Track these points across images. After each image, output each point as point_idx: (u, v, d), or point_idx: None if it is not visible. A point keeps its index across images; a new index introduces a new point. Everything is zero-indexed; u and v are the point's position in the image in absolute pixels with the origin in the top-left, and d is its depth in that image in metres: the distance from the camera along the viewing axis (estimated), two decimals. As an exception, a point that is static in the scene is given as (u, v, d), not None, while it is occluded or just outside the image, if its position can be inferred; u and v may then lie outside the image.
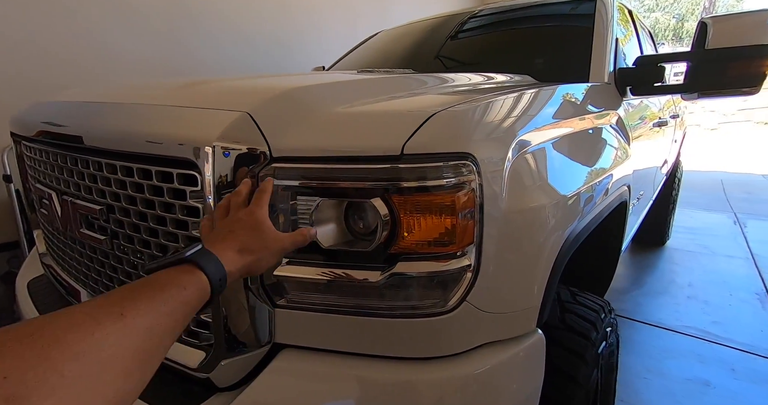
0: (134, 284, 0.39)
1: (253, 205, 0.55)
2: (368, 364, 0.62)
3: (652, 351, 1.84)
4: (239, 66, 2.68)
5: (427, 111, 0.59)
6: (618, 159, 1.00)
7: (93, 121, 0.75)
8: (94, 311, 0.32)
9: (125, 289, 0.38)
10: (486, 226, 0.59)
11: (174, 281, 0.40)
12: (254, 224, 0.52)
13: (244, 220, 0.52)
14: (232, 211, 0.54)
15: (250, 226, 0.52)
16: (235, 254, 0.49)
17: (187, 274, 0.42)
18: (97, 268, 0.78)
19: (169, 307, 0.37)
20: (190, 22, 2.41)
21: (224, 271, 0.46)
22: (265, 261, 0.53)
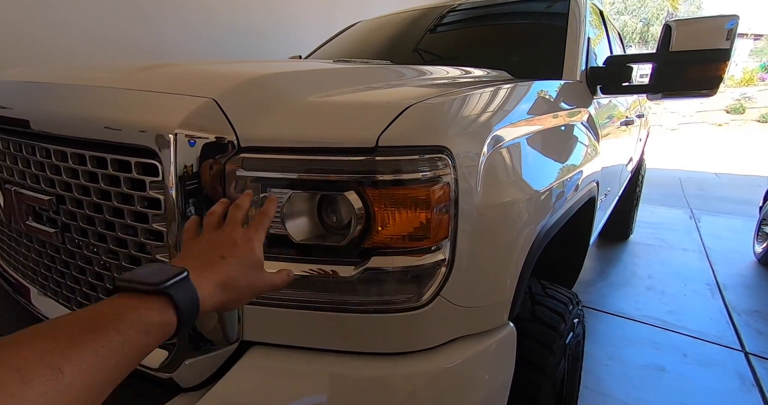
0: (83, 319, 0.31)
1: (252, 231, 0.48)
2: (340, 361, 0.60)
3: (614, 339, 1.93)
4: (213, 51, 2.56)
5: (403, 103, 0.58)
6: (588, 156, 1.03)
7: (42, 104, 0.69)
8: (23, 365, 0.25)
9: (70, 325, 0.29)
10: (460, 220, 0.58)
11: (137, 322, 0.32)
12: (251, 261, 0.46)
13: (240, 250, 0.45)
14: (228, 228, 0.48)
15: (245, 262, 0.45)
16: (217, 289, 0.41)
17: (155, 311, 0.34)
18: (46, 263, 0.72)
19: (121, 358, 0.30)
20: (163, 4, 2.27)
21: (198, 310, 0.38)
22: (242, 301, 0.46)
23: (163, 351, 0.62)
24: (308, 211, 0.59)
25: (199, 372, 0.61)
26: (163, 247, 0.57)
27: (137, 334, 0.32)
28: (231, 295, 0.43)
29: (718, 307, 2.23)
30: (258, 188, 0.57)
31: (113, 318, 0.31)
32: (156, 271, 0.38)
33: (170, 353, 0.61)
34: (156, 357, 0.62)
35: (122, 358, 0.30)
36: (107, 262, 0.63)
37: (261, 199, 0.57)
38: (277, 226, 0.58)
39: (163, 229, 0.56)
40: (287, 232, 0.58)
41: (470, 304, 0.61)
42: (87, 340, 0.28)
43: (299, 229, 0.58)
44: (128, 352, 0.31)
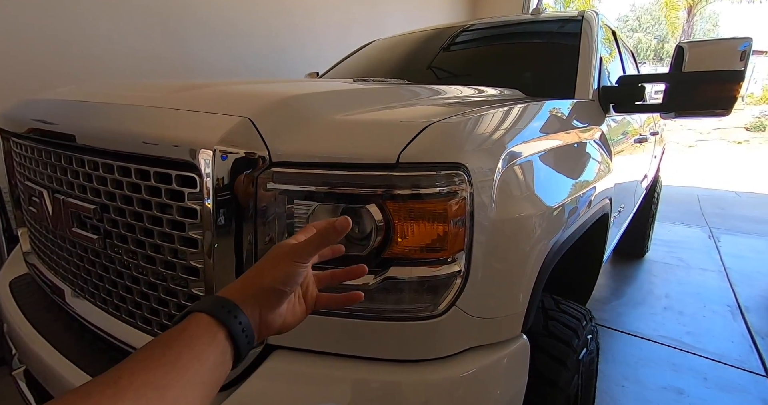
0: (170, 346, 0.32)
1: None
2: (358, 366, 0.63)
3: (630, 359, 1.89)
4: (234, 65, 2.68)
5: (422, 122, 0.62)
6: (601, 173, 1.05)
7: (91, 120, 0.75)
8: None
9: (162, 354, 0.30)
10: (476, 233, 0.61)
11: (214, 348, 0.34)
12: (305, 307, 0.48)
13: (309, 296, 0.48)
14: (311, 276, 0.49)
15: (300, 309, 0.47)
16: (273, 319, 0.42)
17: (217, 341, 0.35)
18: (87, 267, 0.77)
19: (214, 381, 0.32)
20: (187, 19, 2.40)
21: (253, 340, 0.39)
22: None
23: (191, 352, 0.65)
24: (332, 223, 0.63)
25: (224, 373, 0.64)
26: (198, 253, 0.62)
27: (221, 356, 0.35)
28: (278, 328, 0.44)
29: (739, 330, 2.17)
30: (285, 200, 0.62)
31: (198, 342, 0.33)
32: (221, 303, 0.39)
33: (198, 355, 0.64)
34: (185, 358, 0.65)
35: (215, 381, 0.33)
36: (144, 266, 0.68)
37: (287, 210, 0.62)
38: (302, 236, 0.62)
39: (198, 236, 0.61)
40: (311, 242, 0.61)
41: (484, 314, 0.64)
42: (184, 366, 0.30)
43: (323, 239, 0.62)
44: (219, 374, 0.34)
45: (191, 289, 0.64)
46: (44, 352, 0.76)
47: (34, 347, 0.78)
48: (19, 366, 0.89)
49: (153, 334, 0.70)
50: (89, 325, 0.78)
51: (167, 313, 0.68)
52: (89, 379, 0.34)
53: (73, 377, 0.70)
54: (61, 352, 0.76)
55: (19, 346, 0.85)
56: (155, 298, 0.69)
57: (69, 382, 0.71)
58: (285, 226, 0.62)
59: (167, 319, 0.68)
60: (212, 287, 0.61)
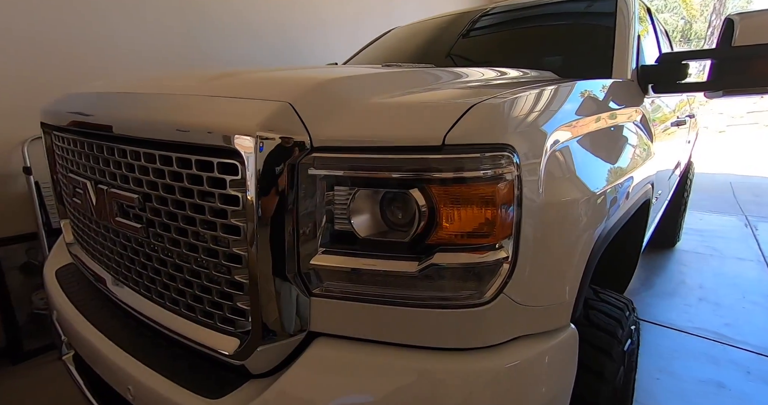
0: None
1: None
2: (401, 353, 0.62)
3: (663, 351, 1.83)
4: (247, 60, 2.70)
5: (467, 102, 0.59)
6: (644, 157, 1.00)
7: (122, 110, 0.76)
8: None
9: None
10: (524, 218, 0.59)
11: None
12: None
13: None
14: None
15: None
16: None
17: None
18: (130, 256, 0.79)
19: None
20: (201, 16, 2.42)
21: None
22: None
23: (235, 339, 0.66)
24: (372, 208, 0.62)
25: (269, 360, 0.64)
26: (240, 240, 0.62)
27: None
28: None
29: (783, 321, 2.07)
30: (325, 186, 0.61)
31: None
32: None
33: (242, 341, 0.65)
34: (229, 344, 0.66)
35: None
36: (187, 254, 0.68)
37: (328, 195, 0.61)
38: (343, 222, 0.61)
39: (241, 224, 0.61)
40: (353, 228, 0.60)
41: (532, 303, 0.62)
42: None
43: (365, 225, 0.61)
44: None
45: (234, 276, 0.64)
46: (93, 338, 0.79)
47: (84, 333, 0.81)
48: (69, 351, 0.92)
49: (196, 321, 0.71)
50: (133, 312, 0.80)
51: (210, 300, 0.68)
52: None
53: (121, 361, 0.72)
54: (109, 338, 0.78)
55: (68, 332, 0.88)
56: (198, 286, 0.69)
57: (117, 365, 0.73)
58: (325, 213, 0.61)
59: (210, 306, 0.69)
60: (255, 274, 0.61)
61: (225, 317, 0.67)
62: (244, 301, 0.64)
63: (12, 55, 1.75)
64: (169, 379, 0.67)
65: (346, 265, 0.61)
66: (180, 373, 0.68)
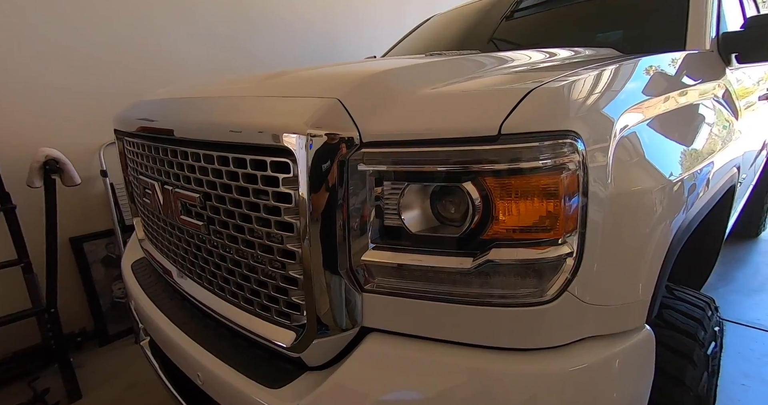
0: None
1: None
2: (455, 351, 0.60)
3: (749, 354, 1.64)
4: (290, 59, 2.77)
5: (524, 87, 0.55)
6: (729, 137, 0.88)
7: (183, 115, 0.80)
8: None
9: None
10: (590, 210, 0.54)
11: None
12: None
13: None
14: None
15: None
16: None
17: None
18: (194, 251, 0.84)
19: None
20: (248, 25, 2.52)
21: None
22: None
23: (292, 332, 0.68)
24: (424, 203, 0.60)
25: (324, 353, 0.65)
26: (294, 236, 0.63)
27: None
28: None
29: None
30: (374, 181, 0.60)
31: None
32: None
33: (298, 334, 0.67)
34: (287, 337, 0.68)
35: None
36: (245, 250, 0.71)
37: (378, 192, 0.60)
38: (393, 218, 0.60)
39: (294, 221, 0.62)
40: (404, 224, 0.59)
41: (601, 301, 0.57)
42: None
43: (416, 221, 0.59)
44: None
45: (288, 272, 0.66)
46: (166, 327, 0.86)
47: (158, 322, 0.88)
48: (145, 337, 1.01)
49: (255, 313, 0.74)
50: (199, 304, 0.85)
51: (267, 294, 0.71)
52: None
53: (192, 349, 0.78)
54: (179, 327, 0.84)
55: (144, 320, 0.97)
56: (255, 280, 0.72)
57: (187, 352, 0.78)
58: (375, 208, 0.60)
59: (267, 300, 0.71)
60: (309, 269, 0.62)
61: (281, 311, 0.69)
62: (299, 296, 0.65)
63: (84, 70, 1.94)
64: (233, 368, 0.71)
65: (397, 261, 0.60)
66: (243, 363, 0.72)
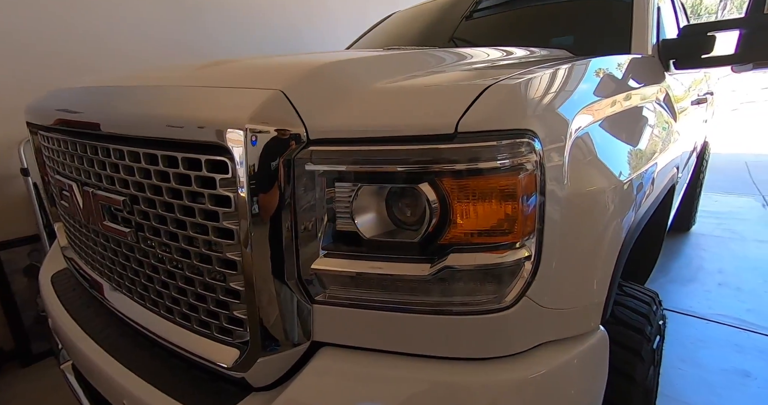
0: None
1: None
2: (414, 365, 0.57)
3: (684, 340, 1.77)
4: (250, 48, 2.62)
5: (480, 84, 0.52)
6: (670, 139, 0.92)
7: (111, 106, 0.70)
8: None
9: None
10: (548, 212, 0.53)
11: None
12: None
13: None
14: None
15: None
16: None
17: None
18: (122, 262, 0.74)
19: None
20: (195, 14, 2.35)
21: None
22: None
23: (235, 349, 0.61)
24: (379, 206, 0.56)
25: (270, 372, 0.60)
26: (234, 244, 0.56)
27: None
28: None
29: (809, 306, 1.99)
30: (324, 182, 0.55)
31: None
32: None
33: (242, 352, 0.60)
34: (228, 355, 0.61)
35: None
36: (179, 260, 0.63)
37: (328, 193, 0.55)
38: (346, 222, 0.55)
39: (234, 227, 0.55)
40: (357, 228, 0.55)
41: (559, 305, 0.56)
42: None
43: (370, 225, 0.55)
44: None
45: (229, 284, 0.59)
46: (88, 348, 0.75)
47: (79, 343, 0.77)
48: (67, 359, 0.89)
49: (193, 330, 0.66)
50: (129, 321, 0.76)
51: (205, 308, 0.63)
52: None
53: (117, 374, 0.68)
54: (104, 348, 0.74)
55: (64, 341, 0.85)
56: (192, 293, 0.64)
57: (112, 378, 0.69)
58: (326, 212, 0.55)
59: (206, 315, 0.64)
60: (251, 280, 0.56)
61: (222, 327, 0.62)
62: (241, 310, 0.59)
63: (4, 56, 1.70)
64: (166, 394, 0.63)
65: (350, 269, 0.55)
66: (178, 387, 0.64)
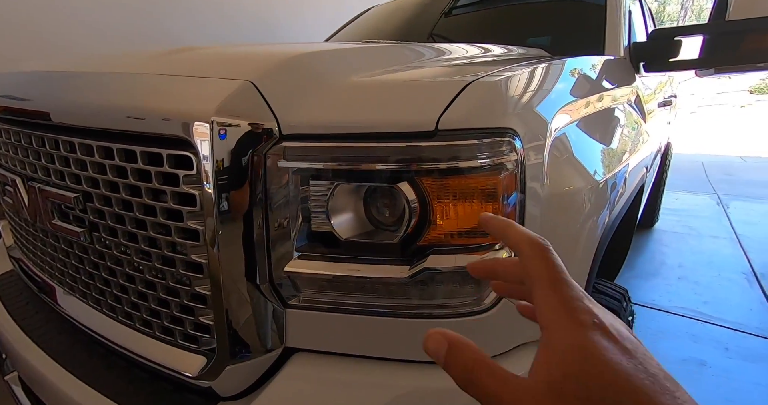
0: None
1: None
2: (392, 370, 0.55)
3: (647, 332, 1.86)
4: (218, 43, 2.51)
5: (461, 80, 0.51)
6: (640, 140, 0.94)
7: (63, 94, 0.64)
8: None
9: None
10: (528, 211, 0.52)
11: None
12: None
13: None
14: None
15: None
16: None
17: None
18: (74, 264, 0.68)
19: None
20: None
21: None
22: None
23: (201, 357, 0.57)
24: (356, 205, 0.53)
25: (239, 380, 0.56)
26: (200, 246, 0.52)
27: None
28: None
29: (757, 297, 2.13)
30: (298, 181, 0.52)
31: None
32: None
33: (209, 360, 0.56)
34: (194, 364, 0.57)
35: None
36: (139, 262, 0.58)
37: (302, 191, 0.52)
38: (321, 222, 0.52)
39: (199, 227, 0.51)
40: (333, 229, 0.52)
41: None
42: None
43: (346, 225, 0.53)
44: None
45: (194, 288, 0.55)
46: (35, 359, 0.68)
47: (24, 353, 0.70)
48: (12, 370, 0.82)
49: (154, 337, 0.62)
50: (83, 327, 0.70)
51: (168, 314, 0.59)
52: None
53: (69, 387, 0.63)
54: (54, 359, 0.68)
55: (8, 351, 0.78)
56: (154, 298, 0.60)
57: (63, 391, 0.63)
58: (300, 211, 0.52)
59: (169, 321, 0.60)
60: (219, 284, 0.52)
61: (186, 333, 0.58)
62: (208, 316, 0.55)
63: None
64: (124, 406, 0.58)
65: (325, 272, 0.53)
66: (137, 399, 0.59)
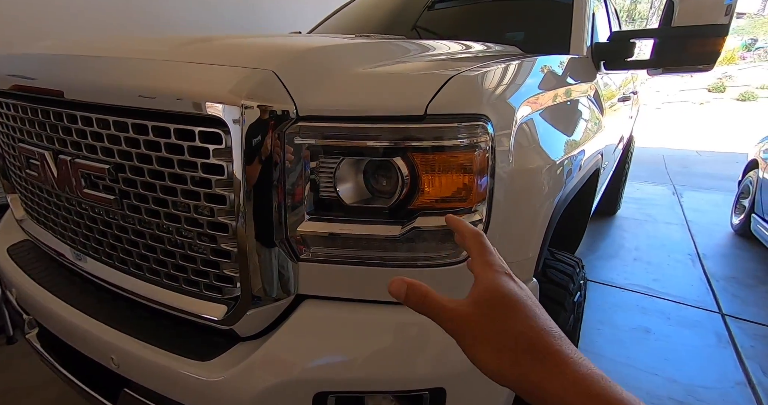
0: None
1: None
2: (383, 310, 0.67)
3: (605, 306, 2.08)
4: (200, 26, 2.50)
5: (446, 74, 0.62)
6: (596, 130, 1.09)
7: (112, 78, 0.69)
8: None
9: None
10: (496, 184, 0.64)
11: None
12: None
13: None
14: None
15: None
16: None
17: None
18: (100, 229, 0.76)
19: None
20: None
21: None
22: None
23: (222, 305, 0.68)
24: (358, 176, 0.64)
25: (257, 323, 0.67)
26: (226, 210, 0.62)
27: None
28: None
29: (698, 275, 2.40)
30: (310, 155, 0.62)
31: None
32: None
33: (230, 307, 0.67)
34: (217, 310, 0.67)
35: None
36: (168, 225, 0.68)
37: (313, 164, 0.62)
38: (328, 190, 0.63)
39: (226, 193, 0.61)
40: (339, 196, 0.63)
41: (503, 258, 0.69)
42: None
43: (350, 193, 0.64)
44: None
45: (220, 245, 0.65)
46: (64, 312, 0.77)
47: (53, 308, 0.78)
48: (32, 329, 0.89)
49: (180, 290, 0.71)
50: (107, 286, 0.78)
51: (194, 269, 0.69)
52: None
53: (100, 331, 0.72)
54: (82, 311, 0.76)
55: (34, 309, 0.85)
56: (181, 255, 0.69)
57: (96, 336, 0.72)
58: (311, 181, 0.63)
59: (195, 275, 0.69)
60: (243, 242, 0.62)
61: (211, 285, 0.68)
62: (232, 269, 0.65)
63: None
64: (155, 346, 0.68)
65: (332, 231, 0.64)
66: (166, 340, 0.69)
